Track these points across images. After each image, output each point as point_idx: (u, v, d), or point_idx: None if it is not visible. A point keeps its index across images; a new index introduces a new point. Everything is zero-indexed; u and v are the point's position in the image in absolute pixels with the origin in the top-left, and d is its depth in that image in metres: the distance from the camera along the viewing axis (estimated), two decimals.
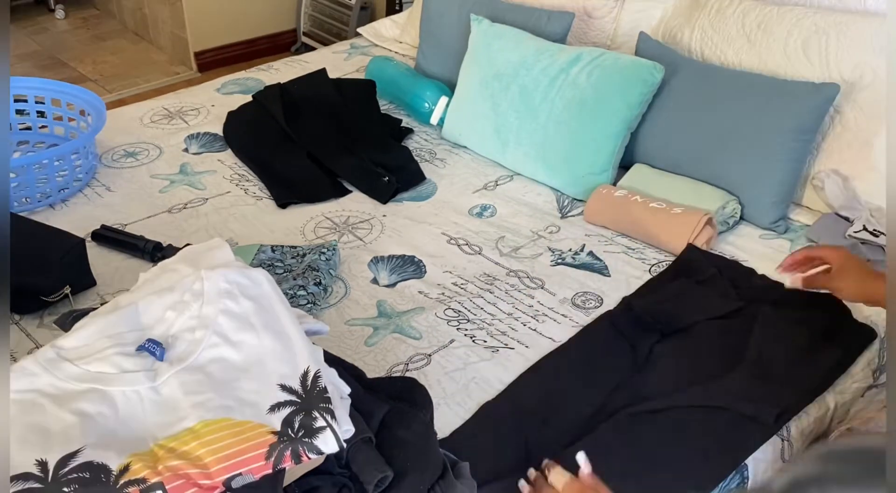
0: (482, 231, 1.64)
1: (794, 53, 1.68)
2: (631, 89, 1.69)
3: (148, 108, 2.11)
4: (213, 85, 2.25)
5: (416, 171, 1.82)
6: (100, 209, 1.67)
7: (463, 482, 0.99)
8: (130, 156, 1.88)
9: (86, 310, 1.10)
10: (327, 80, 2.07)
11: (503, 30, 1.90)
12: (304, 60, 2.42)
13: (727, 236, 1.62)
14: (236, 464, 0.87)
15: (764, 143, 1.61)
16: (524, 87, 1.80)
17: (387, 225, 1.66)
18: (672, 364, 1.26)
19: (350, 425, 0.92)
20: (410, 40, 2.45)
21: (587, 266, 1.54)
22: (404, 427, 0.99)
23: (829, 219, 1.60)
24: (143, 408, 0.92)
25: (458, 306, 1.43)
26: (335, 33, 3.61)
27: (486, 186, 1.81)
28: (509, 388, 1.23)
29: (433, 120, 2.03)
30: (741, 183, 1.64)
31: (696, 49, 1.84)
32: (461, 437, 1.14)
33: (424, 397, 1.06)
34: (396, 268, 1.52)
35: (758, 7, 1.76)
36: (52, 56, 3.84)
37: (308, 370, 0.94)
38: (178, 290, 1.01)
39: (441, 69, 2.14)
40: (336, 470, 0.93)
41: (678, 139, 1.72)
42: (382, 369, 1.28)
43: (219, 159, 1.88)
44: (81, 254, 1.42)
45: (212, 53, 3.72)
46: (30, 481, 0.83)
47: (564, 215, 1.71)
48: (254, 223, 1.65)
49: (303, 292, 1.40)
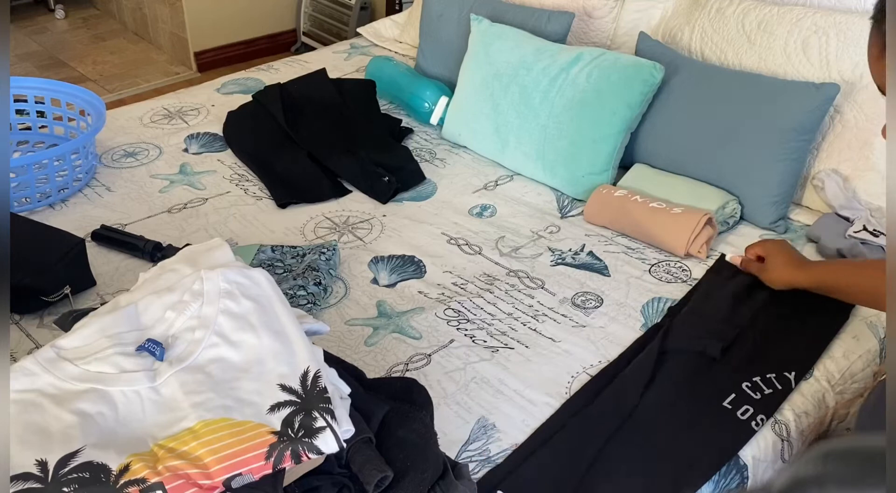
0: (482, 231, 1.64)
1: (794, 53, 1.68)
2: (631, 89, 1.69)
3: (148, 108, 2.11)
4: (213, 85, 2.25)
5: (416, 171, 1.82)
6: (100, 209, 1.68)
7: (463, 483, 0.99)
8: (130, 156, 1.88)
9: (86, 310, 1.11)
10: (327, 80, 2.07)
11: (503, 30, 1.90)
12: (304, 60, 2.42)
13: (727, 236, 1.62)
14: (236, 464, 0.87)
15: (764, 143, 1.61)
16: (524, 87, 1.80)
17: (387, 225, 1.66)
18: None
19: (350, 425, 0.92)
20: (410, 40, 2.45)
21: (587, 266, 1.54)
22: (404, 427, 0.99)
23: (830, 219, 1.60)
24: (143, 408, 0.92)
25: (458, 306, 1.43)
26: (335, 33, 3.61)
27: (486, 186, 1.81)
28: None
29: (433, 120, 2.03)
30: (741, 183, 1.64)
31: (696, 49, 1.84)
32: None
33: (424, 398, 1.06)
34: (396, 268, 1.52)
35: (758, 7, 1.76)
36: (52, 56, 3.84)
37: (308, 370, 0.94)
38: (177, 290, 1.01)
39: (441, 69, 2.14)
40: (336, 470, 0.93)
41: (678, 139, 1.72)
42: (382, 369, 1.28)
43: (219, 159, 1.88)
44: (81, 254, 1.42)
45: (212, 53, 3.72)
46: (30, 481, 0.83)
47: (564, 215, 1.71)
48: (254, 223, 1.65)
49: (303, 292, 1.40)
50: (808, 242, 1.61)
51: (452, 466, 1.00)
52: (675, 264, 1.55)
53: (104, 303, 1.09)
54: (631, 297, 1.45)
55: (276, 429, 0.90)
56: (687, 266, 1.54)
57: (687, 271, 1.52)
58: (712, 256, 1.56)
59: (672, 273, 1.52)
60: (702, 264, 1.54)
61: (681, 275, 1.51)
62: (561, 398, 1.22)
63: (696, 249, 1.54)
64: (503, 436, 1.16)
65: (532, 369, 1.28)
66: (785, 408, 1.24)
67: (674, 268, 1.53)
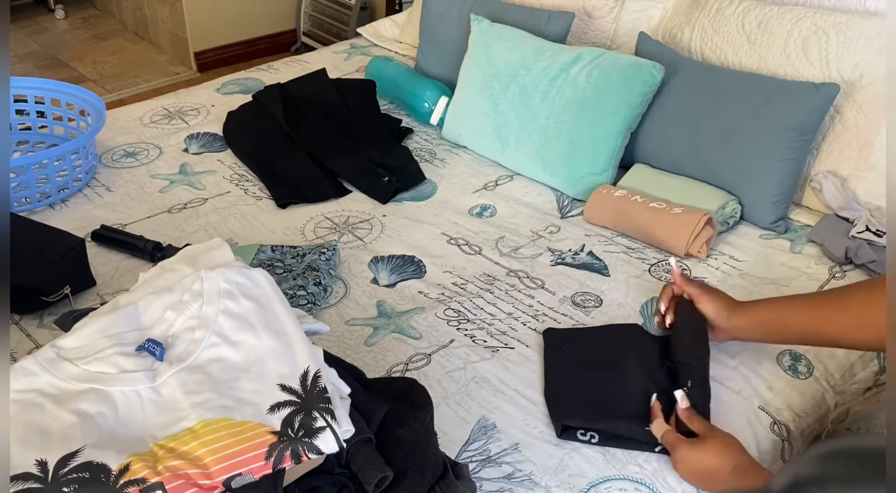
0: (482, 231, 1.64)
1: (794, 53, 1.68)
2: (631, 89, 1.69)
3: (148, 108, 2.11)
4: (213, 85, 2.25)
5: (416, 171, 1.82)
6: (100, 209, 1.68)
7: (463, 483, 0.99)
8: (130, 156, 1.88)
9: (86, 310, 1.10)
10: (327, 80, 2.07)
11: (503, 30, 1.90)
12: (304, 60, 2.42)
13: (727, 236, 1.62)
14: (236, 464, 0.87)
15: (764, 143, 1.61)
16: (524, 86, 1.80)
17: (387, 225, 1.66)
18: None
19: (350, 425, 0.92)
20: (410, 40, 2.45)
21: (587, 266, 1.54)
22: (404, 427, 0.99)
23: (830, 221, 1.60)
24: (143, 408, 0.92)
25: (458, 306, 1.43)
26: (335, 33, 3.61)
27: (486, 186, 1.81)
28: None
29: (433, 120, 2.03)
30: (741, 183, 1.64)
31: (696, 49, 1.84)
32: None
33: (424, 398, 1.06)
34: (396, 268, 1.52)
35: (758, 7, 1.76)
36: (52, 56, 3.84)
37: (308, 370, 0.94)
38: (177, 290, 1.01)
39: (441, 69, 2.14)
40: (336, 470, 0.93)
41: (678, 139, 1.72)
42: (382, 369, 1.28)
43: (219, 159, 1.88)
44: (81, 254, 1.42)
45: (212, 53, 3.72)
46: (29, 481, 0.83)
47: (564, 215, 1.71)
48: (254, 223, 1.65)
49: (303, 292, 1.40)
50: (808, 241, 1.61)
51: (452, 466, 1.00)
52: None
53: (104, 303, 1.09)
54: (631, 297, 1.45)
55: (276, 429, 0.90)
56: (687, 266, 1.54)
57: (687, 271, 1.52)
58: (712, 256, 1.56)
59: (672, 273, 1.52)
60: (702, 263, 1.54)
61: None
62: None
63: (697, 248, 1.54)
64: (503, 436, 1.16)
65: (532, 369, 1.28)
66: (785, 408, 1.24)
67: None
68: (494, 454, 1.13)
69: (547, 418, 1.19)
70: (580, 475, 1.10)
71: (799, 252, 1.58)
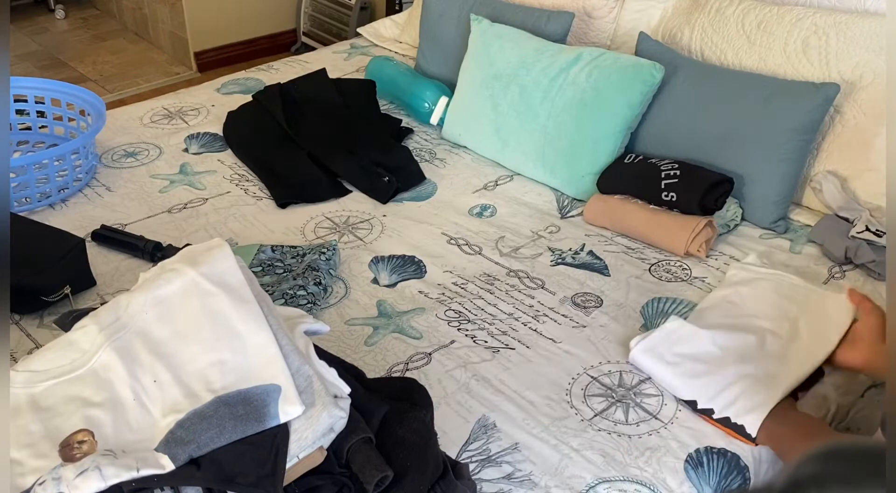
0: (482, 231, 1.64)
1: (794, 53, 1.68)
2: (631, 89, 1.69)
3: (148, 108, 2.11)
4: (213, 85, 2.25)
5: (416, 171, 1.82)
6: (100, 209, 1.68)
7: (463, 483, 0.99)
8: (130, 156, 1.88)
9: (86, 310, 1.10)
10: (327, 80, 2.07)
11: (503, 30, 1.90)
12: (304, 60, 2.42)
13: (727, 236, 1.62)
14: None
15: (764, 143, 1.61)
16: (524, 87, 1.80)
17: (387, 225, 1.66)
18: None
19: (340, 411, 0.92)
20: (410, 40, 2.45)
21: (587, 266, 1.54)
22: (404, 427, 0.99)
23: (830, 221, 1.60)
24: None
25: (459, 306, 1.43)
26: (335, 33, 3.61)
27: (486, 186, 1.81)
28: None
29: (433, 120, 2.03)
30: (741, 183, 1.64)
31: (696, 49, 1.84)
32: None
33: (424, 398, 1.06)
34: (397, 268, 1.52)
35: (758, 7, 1.76)
36: (52, 56, 3.84)
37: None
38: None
39: (441, 69, 2.14)
40: (336, 470, 0.93)
41: (678, 139, 1.72)
42: (382, 369, 1.28)
43: (219, 159, 1.88)
44: (81, 254, 1.42)
45: (212, 53, 3.72)
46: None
47: (564, 215, 1.71)
48: (254, 223, 1.65)
49: (303, 292, 1.40)
50: (807, 241, 1.60)
51: (452, 466, 1.00)
52: (675, 263, 1.55)
53: (104, 303, 1.09)
54: (631, 297, 1.45)
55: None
56: (687, 266, 1.54)
57: (687, 271, 1.52)
58: (712, 256, 1.56)
59: (672, 273, 1.52)
60: (702, 263, 1.54)
61: (681, 274, 1.51)
62: (561, 399, 1.22)
63: (696, 248, 1.54)
64: (503, 436, 1.16)
65: (533, 370, 1.28)
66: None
67: (674, 267, 1.53)
68: (494, 453, 1.13)
69: (547, 418, 1.19)
70: (580, 476, 1.10)
71: (799, 252, 1.58)
